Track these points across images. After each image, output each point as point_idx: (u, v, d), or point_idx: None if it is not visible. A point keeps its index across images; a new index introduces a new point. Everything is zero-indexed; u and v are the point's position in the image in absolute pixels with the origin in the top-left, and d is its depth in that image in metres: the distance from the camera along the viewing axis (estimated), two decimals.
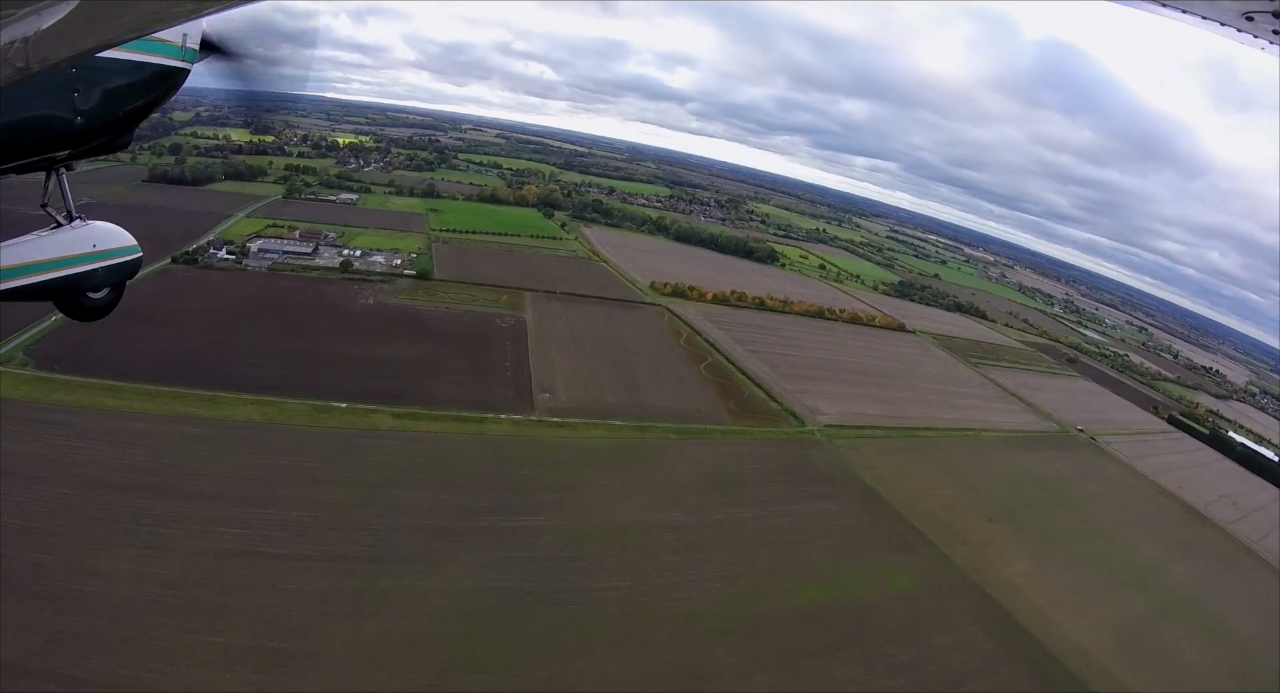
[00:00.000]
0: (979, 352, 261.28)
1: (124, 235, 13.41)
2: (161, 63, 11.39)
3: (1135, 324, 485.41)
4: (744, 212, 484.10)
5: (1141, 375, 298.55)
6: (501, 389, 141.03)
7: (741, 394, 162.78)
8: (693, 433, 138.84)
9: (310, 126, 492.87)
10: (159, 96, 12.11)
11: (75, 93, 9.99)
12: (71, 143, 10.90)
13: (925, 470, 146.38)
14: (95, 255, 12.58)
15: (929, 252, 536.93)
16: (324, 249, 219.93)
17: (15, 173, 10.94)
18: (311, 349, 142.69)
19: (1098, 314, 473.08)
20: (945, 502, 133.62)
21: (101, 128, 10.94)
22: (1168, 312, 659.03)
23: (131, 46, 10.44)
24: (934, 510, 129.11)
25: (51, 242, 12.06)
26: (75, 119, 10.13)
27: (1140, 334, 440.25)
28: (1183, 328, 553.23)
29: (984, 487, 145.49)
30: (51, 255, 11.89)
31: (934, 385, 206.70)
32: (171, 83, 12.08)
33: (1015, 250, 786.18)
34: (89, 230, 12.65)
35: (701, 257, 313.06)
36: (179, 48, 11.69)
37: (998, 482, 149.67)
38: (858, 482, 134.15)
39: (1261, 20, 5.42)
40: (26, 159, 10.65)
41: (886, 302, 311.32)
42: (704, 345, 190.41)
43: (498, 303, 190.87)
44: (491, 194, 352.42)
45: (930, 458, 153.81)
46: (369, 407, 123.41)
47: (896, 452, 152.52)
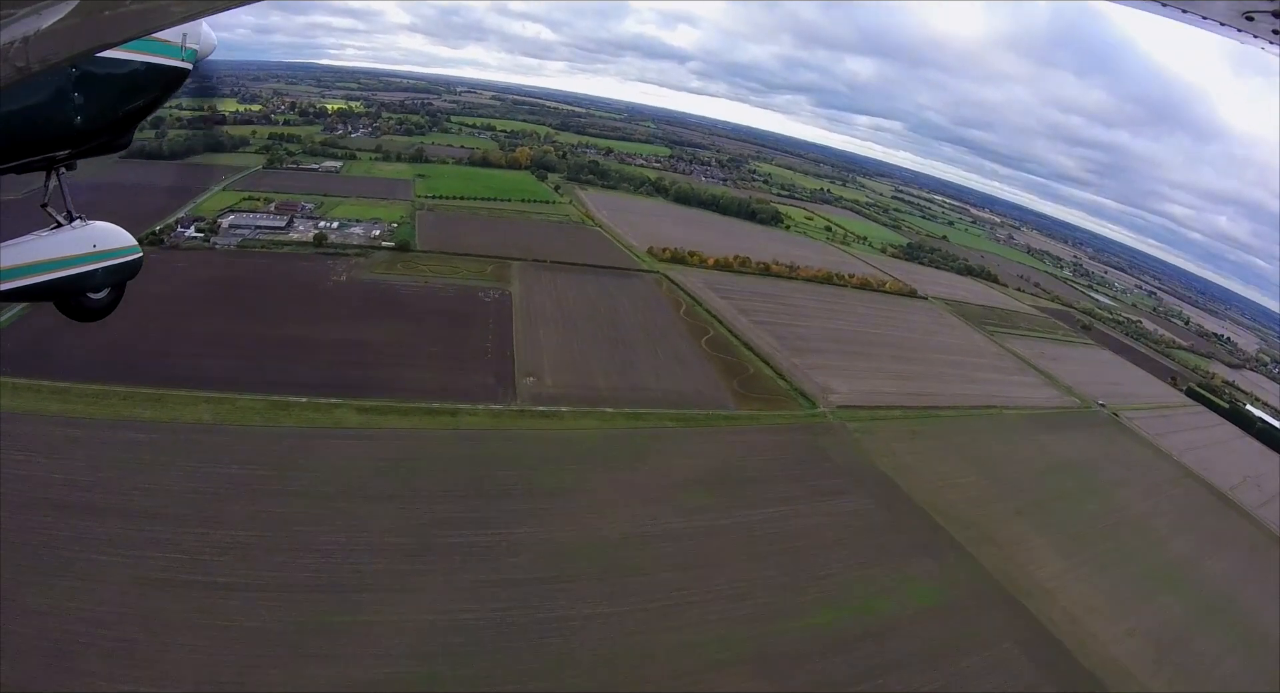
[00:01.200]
0: (993, 319, 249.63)
1: (124, 236, 12.88)
2: (161, 63, 11.20)
3: (1144, 288, 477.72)
4: (746, 172, 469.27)
5: (1156, 343, 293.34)
6: (481, 375, 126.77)
7: (746, 372, 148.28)
8: (693, 421, 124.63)
9: (300, 94, 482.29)
10: (159, 96, 11.84)
11: (75, 93, 9.80)
12: (71, 142, 10.65)
13: (947, 457, 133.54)
14: (95, 256, 12.17)
15: (935, 212, 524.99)
16: (300, 222, 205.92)
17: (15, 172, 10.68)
18: (274, 335, 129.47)
19: (1107, 278, 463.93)
20: (970, 494, 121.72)
21: (101, 128, 10.72)
22: (1173, 275, 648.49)
23: (131, 46, 10.34)
24: (958, 505, 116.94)
25: (51, 242, 11.74)
26: (75, 119, 9.94)
27: (1150, 299, 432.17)
28: (1189, 293, 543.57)
29: (1009, 474, 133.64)
30: (51, 256, 11.58)
31: (951, 357, 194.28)
32: (171, 83, 11.78)
33: (1020, 211, 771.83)
34: (89, 230, 12.23)
35: (703, 219, 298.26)
36: (179, 48, 11.47)
37: (1023, 468, 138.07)
38: (875, 473, 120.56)
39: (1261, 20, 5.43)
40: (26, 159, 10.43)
41: (896, 265, 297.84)
42: (706, 317, 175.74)
43: (482, 275, 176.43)
44: (482, 157, 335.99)
45: (952, 442, 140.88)
46: (332, 400, 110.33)
47: (916, 435, 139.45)
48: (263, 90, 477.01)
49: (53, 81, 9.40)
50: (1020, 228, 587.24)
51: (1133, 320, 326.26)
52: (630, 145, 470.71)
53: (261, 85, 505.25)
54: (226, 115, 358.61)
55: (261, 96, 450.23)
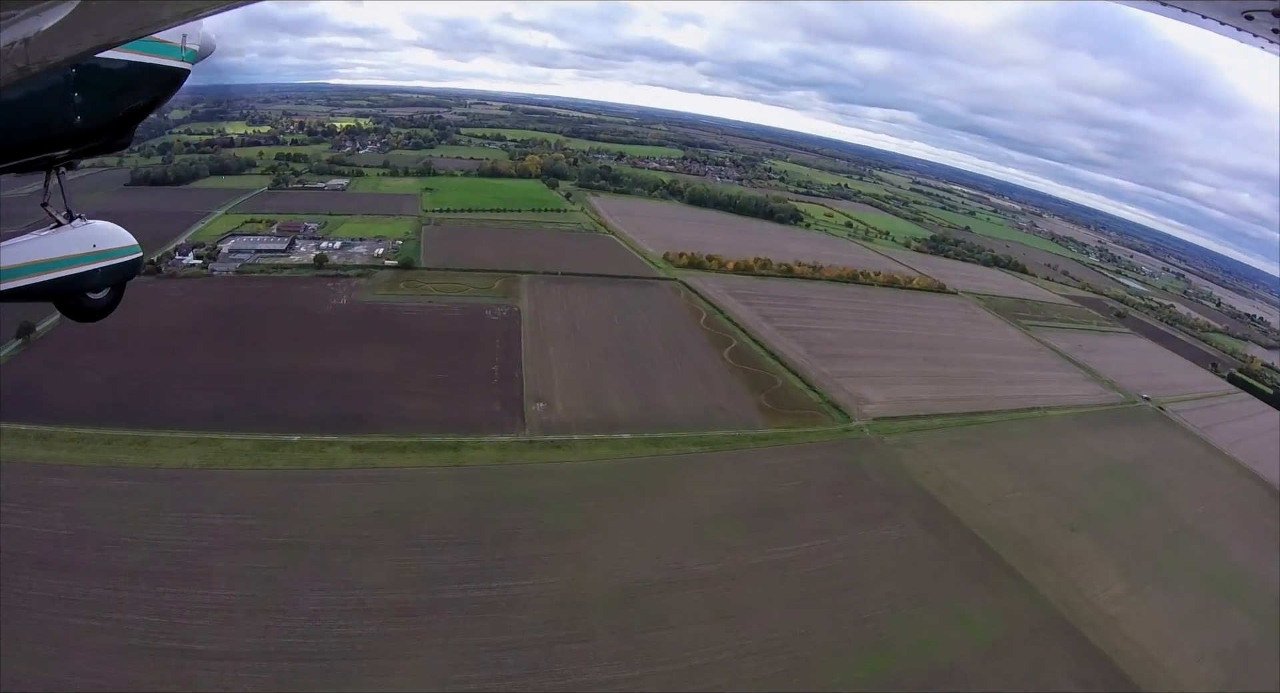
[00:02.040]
0: (1026, 311, 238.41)
1: (124, 235, 12.79)
2: (161, 63, 11.08)
3: (1172, 271, 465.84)
4: (761, 170, 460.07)
5: (1191, 328, 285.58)
6: (487, 402, 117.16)
7: (774, 385, 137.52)
8: (718, 443, 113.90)
9: (310, 114, 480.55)
10: (159, 96, 11.68)
11: (75, 93, 9.67)
12: (71, 142, 10.53)
13: (993, 468, 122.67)
14: (95, 255, 12.04)
15: (955, 203, 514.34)
16: (301, 243, 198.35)
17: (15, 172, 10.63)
18: (267, 366, 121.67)
19: (1133, 262, 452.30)
20: (1021, 510, 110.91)
21: (101, 127, 10.62)
22: (1196, 255, 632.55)
23: (131, 46, 10.21)
24: (1010, 523, 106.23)
25: (51, 242, 11.62)
26: (75, 119, 9.83)
27: (1178, 282, 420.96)
28: (1215, 272, 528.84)
29: (1060, 484, 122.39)
30: (51, 255, 11.45)
31: (987, 355, 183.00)
32: (171, 83, 11.65)
33: (1038, 197, 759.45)
34: (89, 230, 12.13)
35: (719, 221, 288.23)
36: (179, 48, 11.35)
37: (1073, 475, 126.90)
38: (919, 493, 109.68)
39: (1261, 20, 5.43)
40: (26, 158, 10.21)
41: (921, 260, 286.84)
42: (727, 326, 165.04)
43: (489, 291, 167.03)
44: (491, 168, 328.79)
45: (997, 451, 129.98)
46: (325, 438, 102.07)
47: (958, 446, 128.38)
48: (272, 112, 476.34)
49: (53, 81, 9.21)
50: (1041, 214, 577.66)
51: (1165, 305, 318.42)
52: (642, 149, 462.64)
53: (271, 107, 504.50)
54: (234, 138, 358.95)
55: (270, 118, 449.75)
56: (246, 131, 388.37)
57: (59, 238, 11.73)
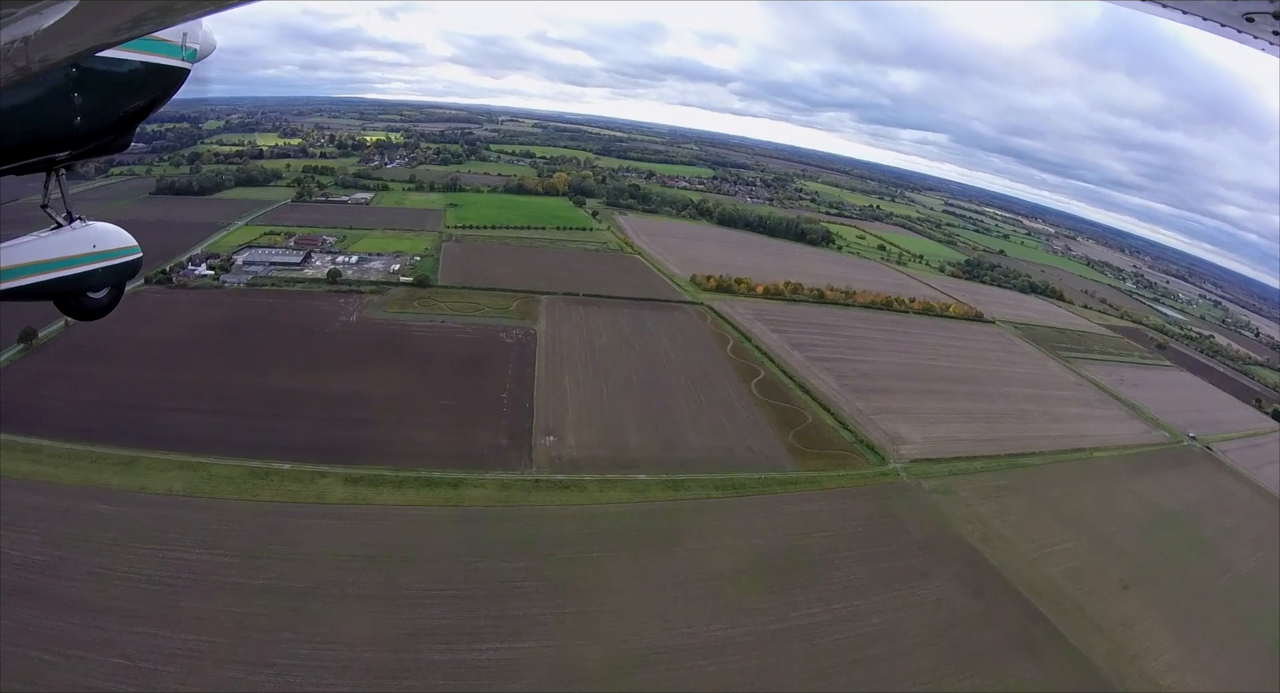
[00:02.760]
0: (1065, 342, 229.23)
1: (124, 236, 12.56)
2: (161, 62, 10.89)
3: (1209, 298, 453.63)
4: (792, 190, 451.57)
5: (1232, 360, 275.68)
6: (493, 433, 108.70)
7: (804, 421, 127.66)
8: (743, 487, 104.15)
9: (342, 127, 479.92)
10: (159, 96, 11.40)
11: (75, 93, 9.55)
12: (71, 143, 10.33)
13: (1039, 517, 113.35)
14: (95, 256, 11.91)
15: (989, 225, 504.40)
16: (317, 256, 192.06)
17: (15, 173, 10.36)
18: (266, 386, 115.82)
19: (1170, 288, 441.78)
20: (1069, 564, 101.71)
21: (101, 128, 10.44)
22: (1231, 280, 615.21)
23: (131, 46, 10.11)
24: (1057, 580, 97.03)
25: (51, 242, 11.49)
26: (75, 119, 9.68)
27: (1216, 309, 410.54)
28: (1251, 299, 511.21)
29: (1109, 534, 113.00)
30: (51, 256, 11.34)
31: (1028, 390, 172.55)
32: (171, 82, 11.43)
33: (1071, 220, 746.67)
34: (89, 231, 11.99)
35: (749, 242, 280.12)
36: (179, 47, 11.15)
37: (1123, 524, 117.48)
38: (960, 546, 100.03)
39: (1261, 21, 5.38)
40: (27, 159, 10.12)
41: (956, 285, 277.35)
42: (755, 355, 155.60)
43: (506, 312, 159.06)
44: (518, 184, 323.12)
45: (1042, 497, 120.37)
46: (318, 468, 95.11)
47: (1001, 491, 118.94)
48: (304, 125, 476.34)
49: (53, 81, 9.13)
50: (1075, 237, 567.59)
51: (1205, 335, 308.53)
52: (672, 168, 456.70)
53: (304, 120, 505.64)
54: (264, 150, 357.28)
55: (302, 130, 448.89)
56: (277, 143, 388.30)
57: (59, 238, 11.46)
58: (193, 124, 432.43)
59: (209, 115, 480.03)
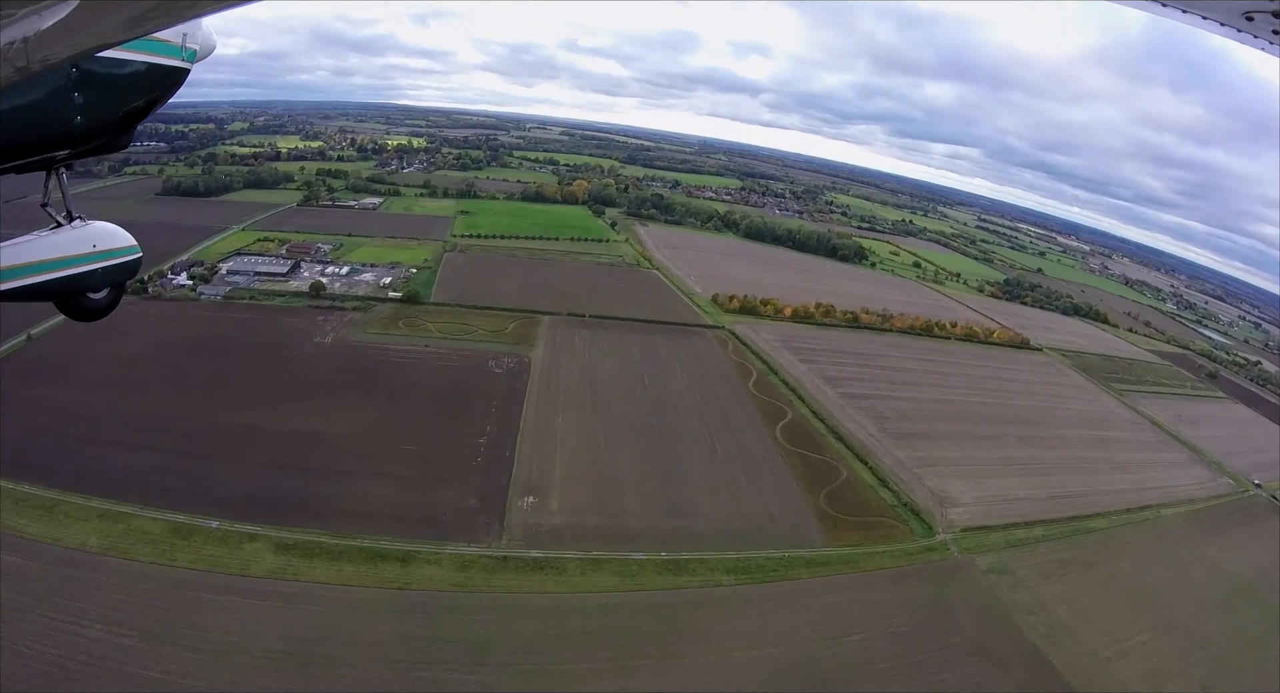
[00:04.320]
0: (1116, 371, 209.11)
1: (124, 235, 12.15)
2: (161, 62, 10.67)
3: (1249, 320, 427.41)
4: (822, 203, 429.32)
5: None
6: (461, 491, 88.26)
7: (837, 477, 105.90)
8: (761, 571, 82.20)
9: (367, 131, 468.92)
10: (159, 96, 11.19)
11: (75, 93, 9.38)
12: (71, 142, 10.08)
13: (1110, 601, 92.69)
14: (95, 256, 11.53)
15: (1023, 242, 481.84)
16: (307, 266, 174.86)
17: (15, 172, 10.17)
18: (214, 420, 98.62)
19: (1209, 309, 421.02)
20: (1145, 663, 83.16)
21: (101, 128, 10.23)
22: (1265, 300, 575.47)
23: (131, 46, 9.92)
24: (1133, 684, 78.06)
25: (51, 242, 11.15)
26: (75, 119, 9.50)
27: (1258, 332, 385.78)
28: None
29: (1184, 617, 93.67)
30: (51, 255, 11.01)
31: (1084, 432, 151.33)
32: (171, 82, 11.24)
33: (1103, 237, 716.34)
34: (89, 230, 11.61)
35: (777, 258, 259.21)
36: (179, 47, 10.93)
37: (1198, 603, 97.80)
38: (1021, 646, 78.84)
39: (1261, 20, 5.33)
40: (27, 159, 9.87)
41: (997, 307, 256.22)
42: (781, 390, 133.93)
43: (500, 335, 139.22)
44: (536, 192, 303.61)
45: (1111, 573, 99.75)
46: (249, 529, 78.88)
47: (1066, 568, 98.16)
48: (328, 128, 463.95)
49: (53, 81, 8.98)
50: (1111, 255, 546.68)
51: (1252, 361, 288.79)
52: (699, 178, 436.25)
53: (329, 123, 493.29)
54: (282, 152, 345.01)
55: (325, 134, 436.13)
56: (297, 146, 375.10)
57: (59, 238, 11.12)
58: (218, 125, 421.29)
59: (237, 117, 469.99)
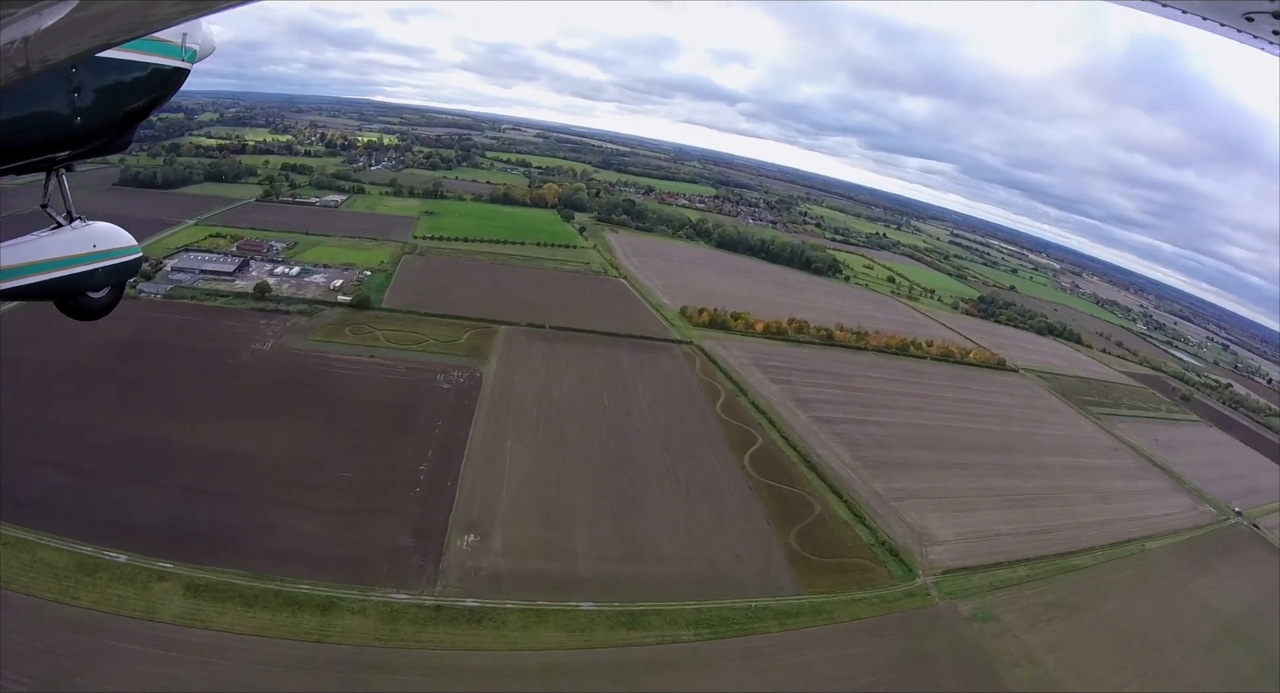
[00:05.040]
0: (1093, 394, 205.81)
1: (124, 235, 12.08)
2: (161, 63, 10.56)
3: (1217, 341, 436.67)
4: (796, 214, 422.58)
5: (1254, 412, 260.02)
6: (394, 527, 78.34)
7: (810, 513, 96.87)
8: (725, 624, 72.88)
9: (339, 127, 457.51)
10: (159, 97, 11.02)
11: (75, 93, 9.33)
12: (71, 143, 9.93)
13: (1098, 646, 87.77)
14: (95, 255, 11.41)
15: (996, 259, 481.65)
16: (257, 265, 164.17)
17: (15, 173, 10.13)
18: (136, 435, 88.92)
19: (1178, 330, 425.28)
20: None
21: (101, 128, 10.08)
22: (1232, 321, 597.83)
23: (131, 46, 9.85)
24: None
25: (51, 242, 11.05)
26: (75, 119, 9.40)
27: (1225, 354, 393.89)
28: (1254, 341, 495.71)
29: (1176, 663, 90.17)
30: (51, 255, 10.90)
31: (1065, 459, 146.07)
32: (171, 83, 11.07)
33: (1073, 255, 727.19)
34: (89, 230, 11.51)
35: (749, 269, 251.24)
36: (179, 48, 10.84)
37: (1189, 645, 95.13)
38: None
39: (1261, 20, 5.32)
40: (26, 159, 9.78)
41: (972, 325, 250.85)
42: (751, 414, 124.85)
43: (452, 347, 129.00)
44: (505, 194, 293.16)
45: (1099, 616, 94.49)
46: (159, 565, 69.28)
47: (1052, 611, 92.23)
48: (299, 122, 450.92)
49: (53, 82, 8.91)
50: (1081, 274, 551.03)
51: (1223, 384, 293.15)
52: (673, 184, 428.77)
53: (301, 117, 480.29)
54: (248, 144, 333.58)
55: (295, 127, 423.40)
56: (265, 139, 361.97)
57: (59, 238, 11.00)
58: (188, 115, 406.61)
59: (208, 108, 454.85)
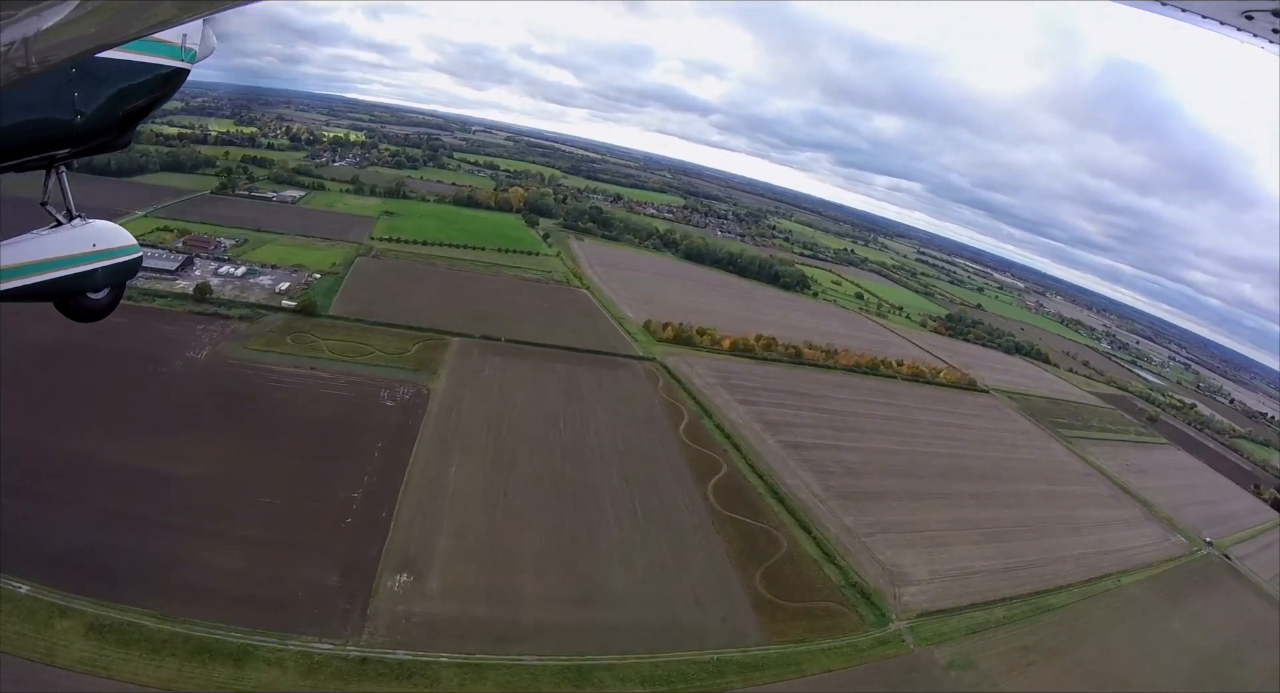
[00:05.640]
0: (1063, 415, 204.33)
1: (124, 235, 11.79)
2: (161, 63, 10.45)
3: (1178, 360, 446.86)
4: (765, 227, 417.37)
5: (1219, 434, 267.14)
6: (320, 564, 69.84)
7: (776, 550, 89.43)
8: (685, 681, 64.80)
9: (306, 120, 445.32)
10: (159, 96, 10.91)
11: (75, 93, 9.16)
12: (71, 142, 9.79)
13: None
14: (95, 255, 11.11)
15: (962, 277, 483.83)
16: (202, 264, 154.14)
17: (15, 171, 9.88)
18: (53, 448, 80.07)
19: (1140, 349, 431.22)
20: None
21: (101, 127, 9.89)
22: (1191, 341, 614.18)
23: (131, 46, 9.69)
24: None
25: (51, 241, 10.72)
26: (75, 119, 9.25)
27: (1187, 373, 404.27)
28: (1214, 360, 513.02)
29: None
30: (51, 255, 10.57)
31: (1039, 487, 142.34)
32: (171, 83, 10.93)
33: (1036, 275, 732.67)
34: (89, 230, 11.21)
35: (717, 282, 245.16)
36: (179, 48, 10.70)
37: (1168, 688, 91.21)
38: None
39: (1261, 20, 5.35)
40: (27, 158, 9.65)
41: (941, 343, 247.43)
42: (716, 438, 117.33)
43: (400, 359, 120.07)
44: (469, 196, 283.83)
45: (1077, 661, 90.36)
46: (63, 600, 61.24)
47: (1031, 656, 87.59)
48: (265, 114, 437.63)
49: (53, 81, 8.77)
50: (1045, 293, 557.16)
51: (1188, 404, 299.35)
52: (642, 193, 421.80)
53: (268, 110, 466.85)
54: (210, 134, 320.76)
55: (260, 120, 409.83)
56: (229, 130, 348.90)
57: (59, 238, 10.70)
58: None
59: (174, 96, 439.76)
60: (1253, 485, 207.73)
